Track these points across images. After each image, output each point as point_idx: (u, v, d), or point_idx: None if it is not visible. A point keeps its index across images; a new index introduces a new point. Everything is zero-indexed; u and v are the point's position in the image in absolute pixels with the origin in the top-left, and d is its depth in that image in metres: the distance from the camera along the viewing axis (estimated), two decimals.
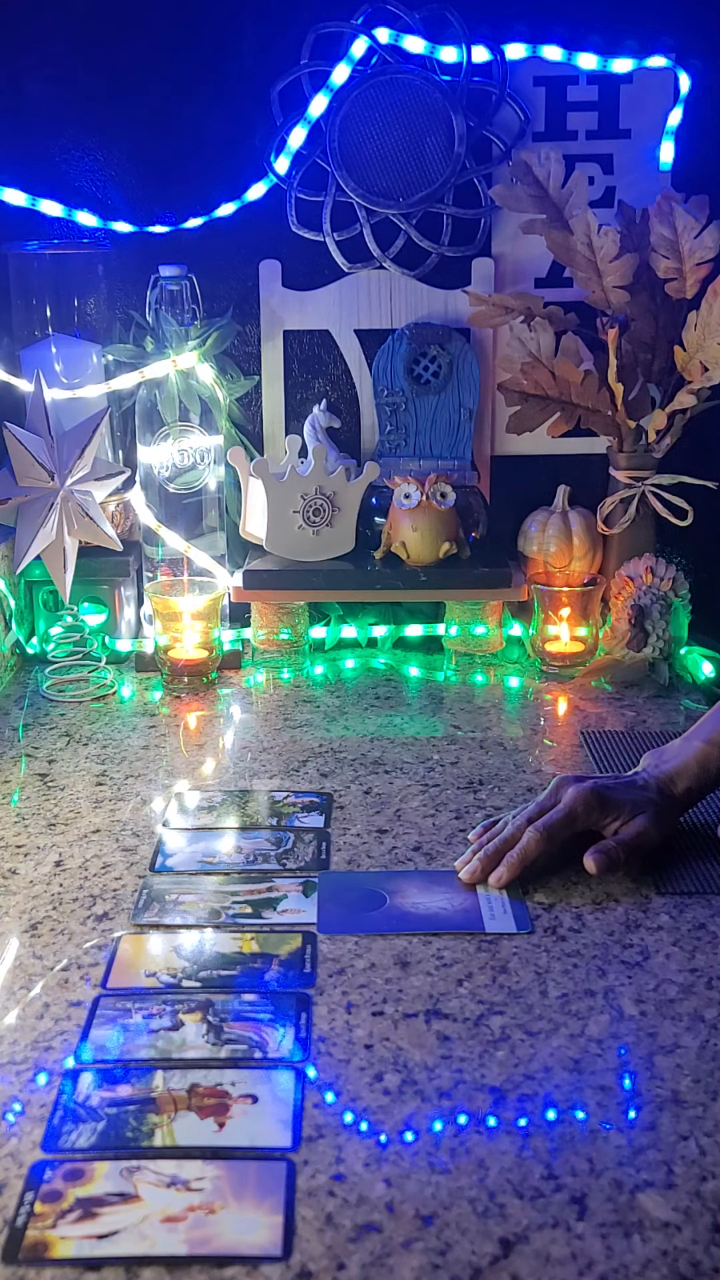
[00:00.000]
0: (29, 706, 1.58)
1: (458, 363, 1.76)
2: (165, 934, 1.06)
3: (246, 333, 1.79)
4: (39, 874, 1.17)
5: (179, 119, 1.71)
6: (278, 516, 1.67)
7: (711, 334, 1.57)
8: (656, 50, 1.69)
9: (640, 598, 1.64)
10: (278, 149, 1.71)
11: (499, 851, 1.14)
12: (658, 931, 1.06)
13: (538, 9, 1.68)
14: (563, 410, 1.70)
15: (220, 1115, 0.84)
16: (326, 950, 1.03)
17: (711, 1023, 0.93)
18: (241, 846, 1.22)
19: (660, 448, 1.68)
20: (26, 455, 1.54)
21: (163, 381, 1.65)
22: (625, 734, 1.47)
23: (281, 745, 1.47)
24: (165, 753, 1.45)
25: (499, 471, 1.83)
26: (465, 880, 1.14)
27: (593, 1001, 0.96)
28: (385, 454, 1.79)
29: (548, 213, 1.66)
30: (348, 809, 1.30)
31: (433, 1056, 0.90)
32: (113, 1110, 0.84)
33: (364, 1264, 0.72)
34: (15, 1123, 0.84)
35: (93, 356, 1.72)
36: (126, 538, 1.73)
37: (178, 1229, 0.74)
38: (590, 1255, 0.73)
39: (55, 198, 1.71)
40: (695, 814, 1.23)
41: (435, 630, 1.76)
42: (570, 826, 1.15)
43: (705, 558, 1.75)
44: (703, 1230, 0.74)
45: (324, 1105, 0.85)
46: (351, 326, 1.79)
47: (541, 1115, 0.84)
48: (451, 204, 1.73)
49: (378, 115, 1.69)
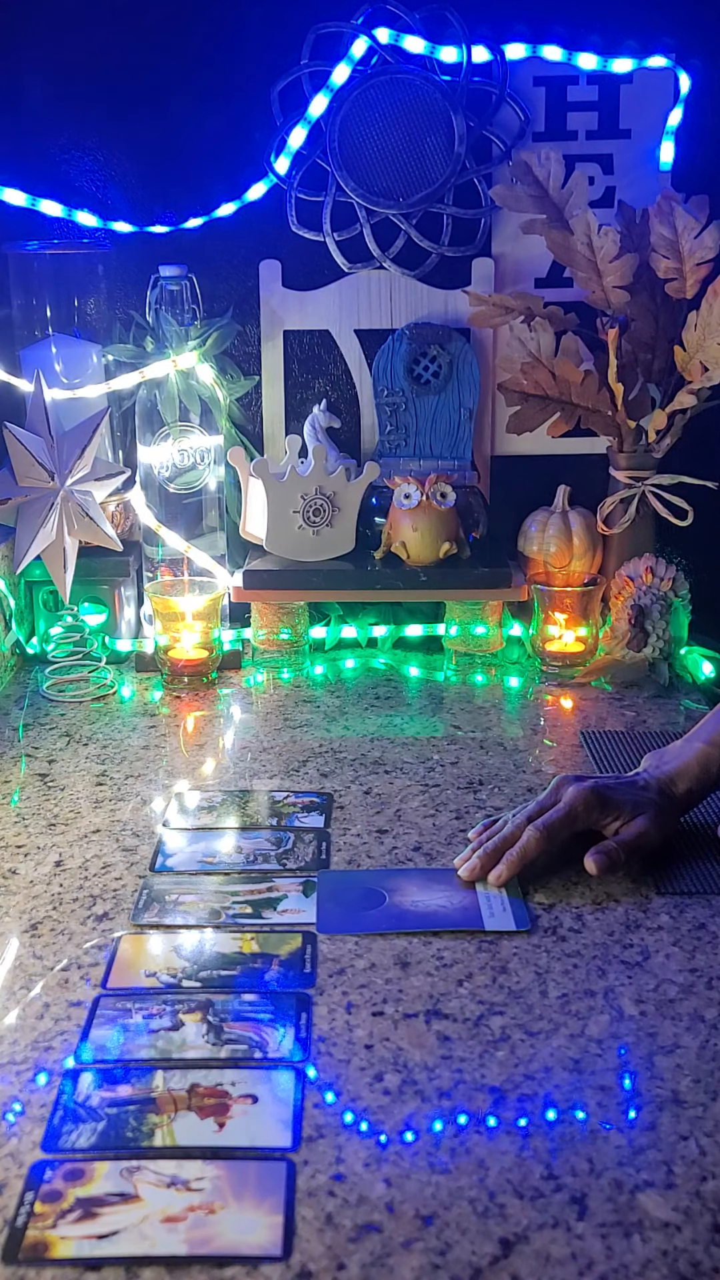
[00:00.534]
0: (29, 706, 1.58)
1: (458, 363, 1.76)
2: (165, 934, 1.06)
3: (246, 333, 1.79)
4: (39, 874, 1.17)
5: (179, 119, 1.71)
6: (278, 516, 1.67)
7: (711, 334, 1.57)
8: (656, 50, 1.69)
9: (640, 598, 1.64)
10: (278, 149, 1.71)
11: (499, 850, 1.14)
12: (658, 931, 1.06)
13: (538, 9, 1.68)
14: (563, 410, 1.70)
15: (220, 1115, 0.84)
16: (326, 950, 1.03)
17: (711, 1023, 0.93)
18: (241, 846, 1.22)
19: (660, 448, 1.68)
20: (26, 455, 1.54)
21: (163, 381, 1.65)
22: (625, 734, 1.47)
23: (281, 745, 1.47)
24: (165, 753, 1.45)
25: (499, 471, 1.83)
26: (465, 878, 1.14)
27: (593, 1001, 0.96)
28: (385, 454, 1.79)
29: (548, 213, 1.66)
30: (348, 809, 1.30)
31: (433, 1056, 0.90)
32: (113, 1110, 0.84)
33: (364, 1264, 0.72)
34: (15, 1123, 0.84)
35: (93, 356, 1.72)
36: (126, 538, 1.73)
37: (178, 1229, 0.74)
38: (590, 1255, 0.73)
39: (55, 198, 1.71)
40: (695, 814, 1.23)
41: (435, 630, 1.76)
42: (570, 825, 1.15)
43: (705, 558, 1.75)
44: (703, 1230, 0.74)
45: (324, 1105, 0.85)
46: (351, 326, 1.79)
47: (541, 1115, 0.84)
48: (451, 204, 1.73)
49: (378, 115, 1.69)
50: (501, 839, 1.15)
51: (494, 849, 1.14)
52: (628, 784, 1.19)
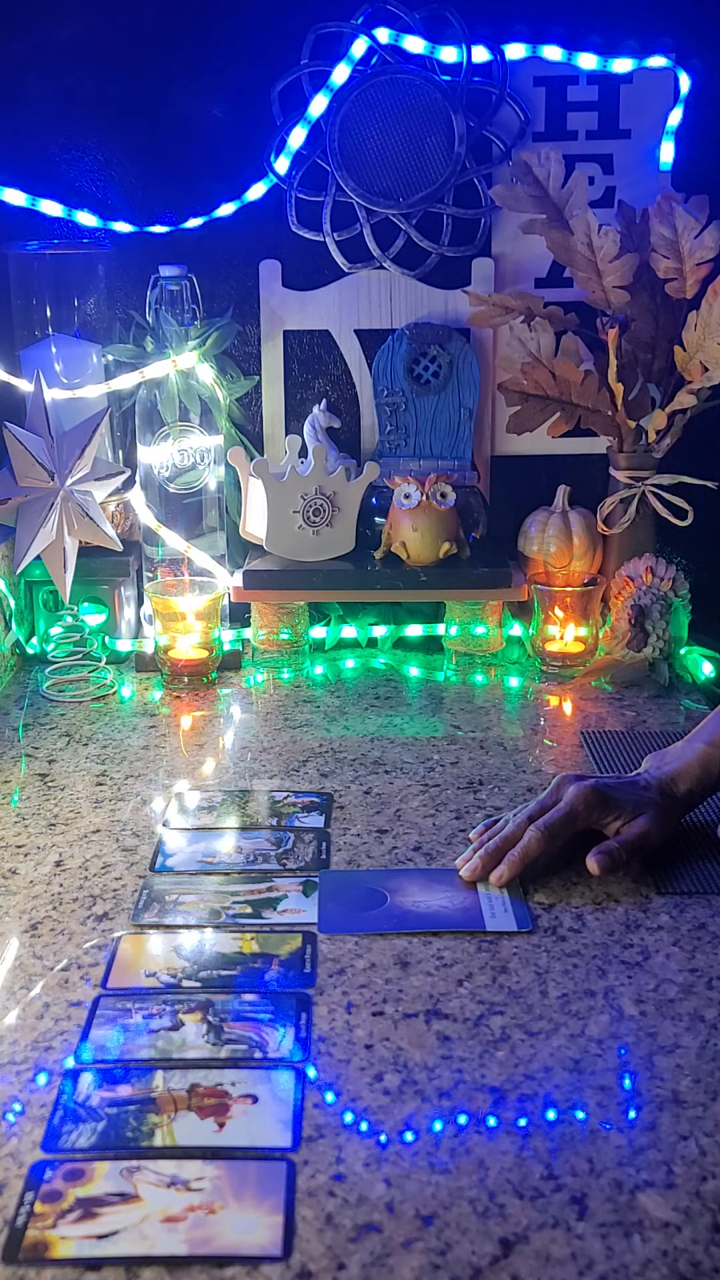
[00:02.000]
0: (29, 706, 1.58)
1: (458, 363, 1.76)
2: (165, 934, 1.06)
3: (246, 333, 1.79)
4: (39, 874, 1.17)
5: (179, 119, 1.71)
6: (278, 516, 1.67)
7: (711, 334, 1.57)
8: (656, 50, 1.69)
9: (640, 598, 1.64)
10: (278, 149, 1.71)
11: (500, 850, 1.14)
12: (658, 931, 1.06)
13: (538, 9, 1.68)
14: (563, 410, 1.70)
15: (220, 1115, 0.84)
16: (326, 950, 1.03)
17: (711, 1023, 0.93)
18: (241, 846, 1.22)
19: (660, 448, 1.68)
20: (26, 455, 1.54)
21: (163, 381, 1.65)
22: (625, 734, 1.47)
23: (281, 745, 1.47)
24: (165, 753, 1.45)
25: (499, 471, 1.83)
26: (466, 878, 1.14)
27: (593, 1001, 0.96)
28: (385, 454, 1.79)
29: (548, 213, 1.66)
30: (348, 809, 1.30)
31: (433, 1056, 0.90)
32: (113, 1110, 0.84)
33: (364, 1264, 0.72)
34: (15, 1123, 0.84)
35: (93, 356, 1.72)
36: (126, 538, 1.73)
37: (178, 1229, 0.74)
38: (590, 1255, 0.73)
39: (55, 198, 1.71)
40: (695, 814, 1.23)
41: (435, 630, 1.76)
42: (571, 825, 1.15)
43: (705, 558, 1.75)
44: (703, 1230, 0.74)
45: (324, 1105, 0.85)
46: (351, 326, 1.79)
47: (541, 1115, 0.84)
48: (451, 204, 1.73)
49: (378, 115, 1.69)
50: (503, 839, 1.15)
51: (495, 849, 1.14)
52: (629, 784, 1.19)
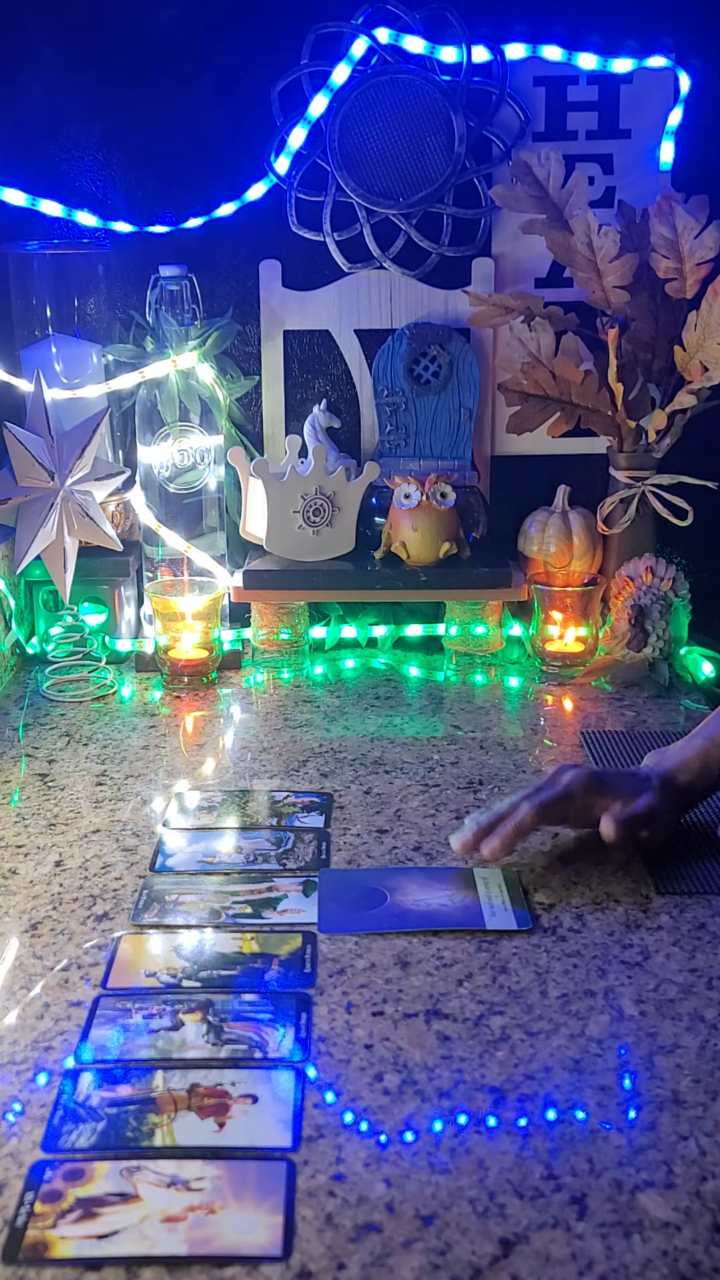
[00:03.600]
0: (29, 706, 1.58)
1: (458, 363, 1.76)
2: (165, 934, 1.06)
3: (246, 333, 1.79)
4: (39, 874, 1.17)
5: (179, 119, 1.71)
6: (278, 516, 1.67)
7: (711, 334, 1.57)
8: (656, 50, 1.69)
9: (640, 598, 1.64)
10: (278, 149, 1.71)
11: (492, 825, 1.14)
12: (658, 931, 1.06)
13: (538, 9, 1.68)
14: (563, 410, 1.70)
15: (220, 1115, 0.84)
16: (326, 950, 1.03)
17: (711, 1023, 0.93)
18: (241, 846, 1.22)
19: (660, 448, 1.68)
20: (26, 455, 1.54)
21: (163, 381, 1.65)
22: (625, 734, 1.47)
23: (281, 745, 1.47)
24: (165, 753, 1.45)
25: (499, 471, 1.83)
26: (457, 849, 1.14)
27: (593, 1001, 0.96)
28: (385, 454, 1.79)
29: (548, 213, 1.66)
30: (348, 809, 1.30)
31: (433, 1056, 0.90)
32: (113, 1110, 0.84)
33: (364, 1264, 0.72)
34: (15, 1123, 0.84)
35: (93, 356, 1.72)
36: (126, 538, 1.73)
37: (178, 1229, 0.74)
38: (590, 1255, 0.73)
39: (55, 198, 1.71)
40: (695, 814, 1.23)
41: (435, 630, 1.76)
42: (567, 805, 1.14)
43: (705, 558, 1.75)
44: (703, 1230, 0.74)
45: (324, 1105, 0.85)
46: (351, 326, 1.79)
47: (541, 1115, 0.84)
48: (451, 204, 1.73)
49: (378, 115, 1.69)
50: (496, 815, 1.15)
51: (488, 824, 1.14)
52: (628, 775, 1.19)
